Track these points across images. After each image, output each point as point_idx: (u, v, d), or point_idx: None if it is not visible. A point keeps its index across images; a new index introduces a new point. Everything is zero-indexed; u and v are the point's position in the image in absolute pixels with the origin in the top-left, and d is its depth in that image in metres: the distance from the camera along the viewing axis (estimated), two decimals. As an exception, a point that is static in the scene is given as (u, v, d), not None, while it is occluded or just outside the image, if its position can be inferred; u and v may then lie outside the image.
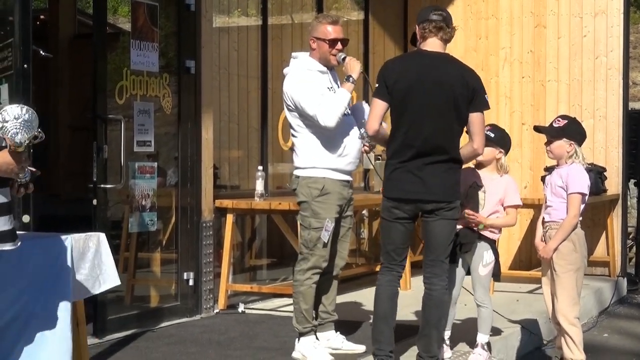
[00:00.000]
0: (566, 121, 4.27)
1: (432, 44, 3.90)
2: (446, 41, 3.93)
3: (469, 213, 4.18)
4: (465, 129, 3.92)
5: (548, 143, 4.26)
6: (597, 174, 6.62)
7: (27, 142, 2.67)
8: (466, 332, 4.58)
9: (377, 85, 3.93)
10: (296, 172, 4.25)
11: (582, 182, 4.17)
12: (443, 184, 3.83)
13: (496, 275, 4.35)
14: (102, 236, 3.57)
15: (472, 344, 4.37)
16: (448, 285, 3.99)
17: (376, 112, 3.88)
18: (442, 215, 3.85)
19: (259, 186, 5.61)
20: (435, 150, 3.82)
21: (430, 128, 3.82)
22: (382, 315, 3.91)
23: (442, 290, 3.90)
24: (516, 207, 4.33)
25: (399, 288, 3.97)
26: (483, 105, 3.89)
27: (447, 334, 4.34)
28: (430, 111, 3.82)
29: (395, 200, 3.86)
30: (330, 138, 4.15)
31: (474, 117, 3.86)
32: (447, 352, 4.31)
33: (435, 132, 3.82)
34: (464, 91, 3.83)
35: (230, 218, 5.50)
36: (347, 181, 4.22)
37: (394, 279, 3.93)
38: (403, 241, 3.93)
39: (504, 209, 4.32)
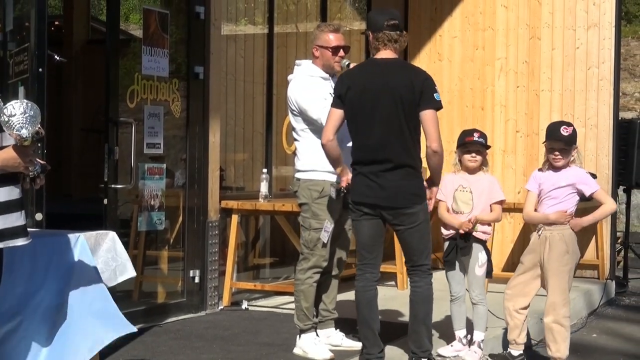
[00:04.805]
0: (571, 128, 4.36)
1: (385, 53, 3.95)
2: (397, 49, 3.95)
3: (465, 224, 4.32)
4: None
5: (561, 151, 4.30)
6: (589, 180, 6.76)
7: (31, 136, 2.70)
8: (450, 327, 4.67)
9: (332, 95, 4.00)
10: (297, 175, 4.33)
11: (594, 181, 4.38)
12: (401, 191, 3.85)
13: (489, 272, 4.49)
14: (112, 234, 3.69)
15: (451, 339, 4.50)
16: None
17: (331, 122, 3.94)
18: (408, 224, 3.89)
19: (263, 188, 5.68)
20: (388, 156, 3.84)
21: (380, 134, 3.84)
22: (363, 320, 3.97)
23: (427, 286, 3.96)
24: (501, 203, 4.48)
25: (375, 289, 3.98)
26: (431, 103, 3.84)
27: (462, 332, 4.47)
28: (379, 118, 3.85)
29: (356, 203, 3.94)
30: None
31: (424, 115, 3.84)
32: (464, 350, 4.42)
33: (387, 138, 3.84)
34: (411, 94, 3.83)
35: (235, 218, 5.56)
36: None
37: (368, 283, 3.95)
38: (371, 238, 3.93)
39: (490, 206, 4.46)
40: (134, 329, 3.33)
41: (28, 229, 2.96)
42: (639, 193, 11.13)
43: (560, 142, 4.33)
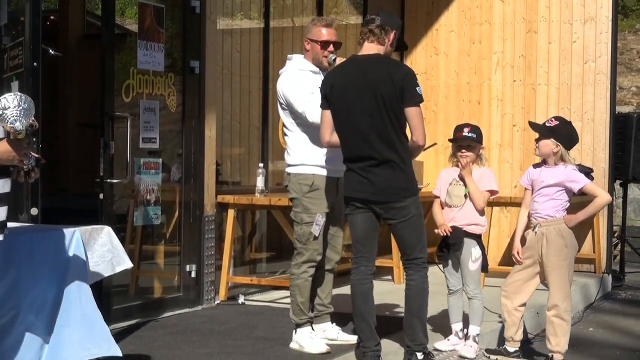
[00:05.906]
0: (558, 122, 4.39)
1: (366, 48, 3.97)
2: (381, 43, 3.95)
3: (462, 155, 4.35)
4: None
5: (538, 140, 4.41)
6: (584, 174, 6.79)
7: (25, 129, 2.69)
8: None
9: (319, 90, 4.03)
10: (288, 170, 4.34)
11: (582, 176, 4.41)
12: (390, 185, 3.86)
13: (484, 267, 4.52)
14: (108, 228, 3.69)
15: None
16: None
17: (325, 124, 3.97)
18: (400, 218, 3.90)
19: (259, 182, 5.71)
20: (371, 152, 3.85)
21: (363, 131, 3.85)
22: (359, 313, 3.99)
23: (421, 279, 3.96)
24: (490, 192, 4.48)
25: (371, 282, 4.00)
26: (414, 99, 3.84)
27: (458, 325, 4.49)
28: (361, 114, 3.86)
29: (349, 199, 3.98)
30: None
31: (408, 112, 3.85)
32: (460, 344, 4.45)
33: (369, 134, 3.85)
34: (391, 89, 3.82)
35: (231, 213, 5.59)
36: (337, 178, 4.24)
37: (363, 276, 3.98)
38: (364, 231, 3.96)
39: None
40: (118, 351, 3.32)
41: (23, 224, 2.96)
42: (636, 187, 11.18)
43: (538, 132, 4.41)
